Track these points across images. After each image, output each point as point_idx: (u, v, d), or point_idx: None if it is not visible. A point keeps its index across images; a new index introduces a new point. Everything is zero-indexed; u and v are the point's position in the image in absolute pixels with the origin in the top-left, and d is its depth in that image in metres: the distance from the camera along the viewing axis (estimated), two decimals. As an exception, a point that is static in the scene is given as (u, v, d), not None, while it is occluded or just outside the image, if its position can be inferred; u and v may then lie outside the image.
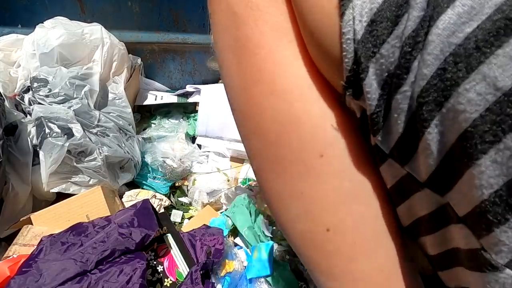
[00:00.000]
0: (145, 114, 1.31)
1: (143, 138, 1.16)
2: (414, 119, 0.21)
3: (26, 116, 0.96)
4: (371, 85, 0.21)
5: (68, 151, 0.87)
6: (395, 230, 0.27)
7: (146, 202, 0.86)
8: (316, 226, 0.26)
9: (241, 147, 1.10)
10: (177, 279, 0.82)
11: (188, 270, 0.83)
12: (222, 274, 0.81)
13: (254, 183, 1.08)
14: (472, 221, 0.20)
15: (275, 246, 0.90)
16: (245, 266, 0.82)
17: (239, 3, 0.25)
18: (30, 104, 0.95)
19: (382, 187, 0.26)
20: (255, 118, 0.26)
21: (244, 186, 1.08)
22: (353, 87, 0.23)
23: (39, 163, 0.88)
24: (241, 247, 0.94)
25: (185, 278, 0.79)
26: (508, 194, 0.18)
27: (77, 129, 0.90)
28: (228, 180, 1.09)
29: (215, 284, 0.81)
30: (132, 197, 1.04)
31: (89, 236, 0.76)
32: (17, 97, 0.98)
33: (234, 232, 0.97)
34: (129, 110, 1.10)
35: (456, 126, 0.19)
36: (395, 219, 0.27)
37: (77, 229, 0.78)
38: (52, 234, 0.78)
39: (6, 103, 0.91)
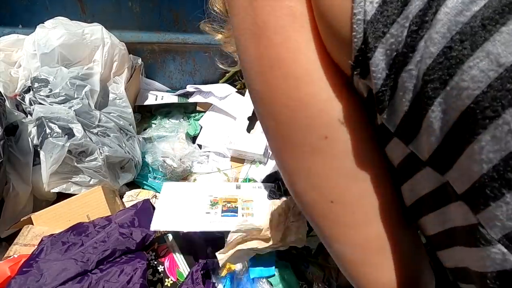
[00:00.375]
0: (145, 114, 1.31)
1: (143, 138, 1.16)
2: (418, 97, 0.21)
3: (27, 116, 0.96)
4: (378, 64, 0.22)
5: (69, 151, 0.87)
6: (394, 206, 0.29)
7: (146, 202, 0.86)
8: (321, 198, 0.29)
9: (241, 147, 1.10)
10: (177, 279, 0.82)
11: (188, 270, 0.83)
12: (223, 274, 0.81)
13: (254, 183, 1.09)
14: (470, 196, 0.21)
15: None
16: (247, 266, 0.83)
17: None
18: (30, 104, 0.95)
19: (382, 169, 0.28)
20: (269, 100, 0.28)
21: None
22: (360, 66, 0.24)
23: (39, 163, 0.88)
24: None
25: (185, 278, 0.79)
26: (505, 168, 0.19)
27: (77, 129, 0.90)
28: (229, 180, 1.09)
29: (216, 284, 0.82)
30: (132, 197, 1.04)
31: (90, 236, 0.76)
32: (17, 97, 0.98)
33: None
34: (130, 110, 1.10)
35: (459, 103, 0.19)
36: (394, 197, 0.29)
37: (78, 229, 0.78)
38: (52, 234, 0.78)
39: (7, 103, 0.91)
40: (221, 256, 0.72)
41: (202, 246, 0.87)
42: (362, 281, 0.30)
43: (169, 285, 0.81)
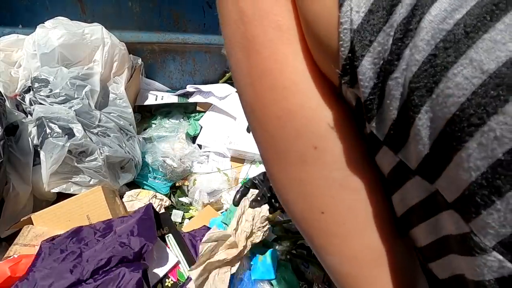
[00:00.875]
0: (145, 114, 1.31)
1: (143, 138, 1.16)
2: (405, 105, 0.21)
3: (27, 116, 0.96)
4: (365, 72, 0.22)
5: (69, 151, 0.87)
6: (386, 216, 0.29)
7: (148, 208, 0.85)
8: (312, 208, 0.29)
9: (241, 147, 1.10)
10: (178, 279, 0.82)
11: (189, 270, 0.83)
12: None
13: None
14: (461, 205, 0.21)
15: (278, 247, 0.90)
16: (249, 266, 0.83)
17: (247, 1, 0.26)
18: (31, 104, 0.95)
19: (373, 178, 0.28)
20: (259, 111, 0.29)
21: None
22: (348, 75, 0.24)
23: (40, 163, 0.89)
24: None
25: (187, 279, 0.79)
26: (493, 176, 0.18)
27: (78, 129, 0.90)
28: (229, 180, 1.09)
29: None
30: (132, 197, 1.04)
31: (89, 244, 0.75)
32: (18, 97, 0.98)
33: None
34: (130, 110, 1.10)
35: (445, 110, 0.19)
36: (386, 207, 0.29)
37: (78, 235, 0.78)
38: (53, 238, 0.78)
39: (7, 103, 0.91)
40: (193, 273, 0.71)
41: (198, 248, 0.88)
42: None
43: (169, 285, 0.81)
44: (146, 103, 1.27)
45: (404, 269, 0.30)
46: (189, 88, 1.31)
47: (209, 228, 0.94)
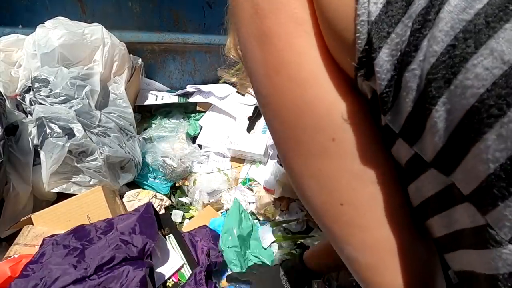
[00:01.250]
0: (145, 114, 1.31)
1: (143, 138, 1.16)
2: (422, 97, 0.21)
3: (27, 116, 0.96)
4: (382, 64, 0.22)
5: (69, 151, 0.87)
6: (404, 207, 0.29)
7: (149, 207, 0.85)
8: (331, 200, 0.29)
9: (241, 147, 1.10)
10: (179, 279, 0.82)
11: (189, 270, 0.83)
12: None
13: (254, 183, 1.09)
14: (477, 197, 0.21)
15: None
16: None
17: None
18: (31, 104, 0.95)
19: (390, 169, 0.28)
20: (276, 104, 0.29)
21: (244, 186, 1.08)
22: (364, 68, 0.24)
23: (40, 163, 0.89)
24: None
25: (188, 279, 0.79)
26: None
27: (78, 129, 0.90)
28: (229, 180, 1.09)
29: (217, 285, 0.82)
30: (132, 197, 1.04)
31: (91, 241, 0.75)
32: (18, 97, 0.98)
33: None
34: (130, 110, 1.10)
35: (464, 102, 0.19)
36: (404, 198, 0.29)
37: (80, 233, 0.78)
38: (54, 235, 0.78)
39: (7, 103, 0.91)
40: None
41: (203, 247, 0.88)
42: (373, 284, 0.30)
43: (170, 285, 0.81)
44: (146, 103, 1.27)
45: (422, 262, 0.30)
46: (189, 88, 1.31)
47: (208, 227, 0.94)
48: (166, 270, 0.82)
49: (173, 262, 0.83)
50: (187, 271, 0.83)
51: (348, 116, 0.27)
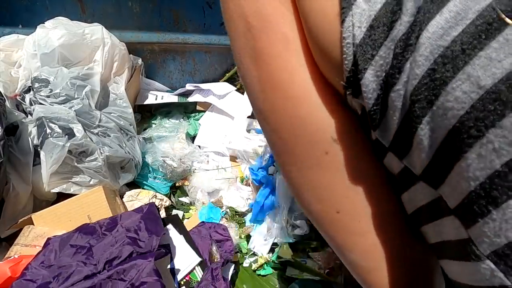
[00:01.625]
0: (145, 114, 1.31)
1: (143, 138, 1.16)
2: (408, 116, 0.22)
3: (27, 116, 0.96)
4: (368, 84, 0.23)
5: (69, 151, 0.87)
6: (399, 213, 0.30)
7: (152, 206, 0.86)
8: (328, 209, 0.30)
9: (240, 146, 1.11)
10: (190, 278, 0.83)
11: (200, 269, 0.84)
12: None
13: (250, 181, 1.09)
14: (461, 212, 0.22)
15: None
16: None
17: (253, 15, 0.28)
18: (31, 104, 0.95)
19: (382, 178, 0.30)
20: (272, 119, 0.30)
21: (242, 184, 1.09)
22: (352, 86, 0.25)
23: (40, 163, 0.88)
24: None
25: (205, 275, 0.81)
26: (491, 186, 0.19)
27: (78, 129, 0.90)
28: (229, 180, 1.09)
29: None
30: (132, 197, 1.04)
31: (97, 239, 0.76)
32: (18, 97, 0.98)
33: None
34: (130, 110, 1.10)
35: (446, 122, 0.20)
36: (396, 204, 0.30)
37: (84, 230, 0.79)
38: (59, 235, 0.78)
39: (7, 103, 0.91)
40: None
41: (206, 244, 0.89)
42: (375, 286, 0.31)
43: (182, 283, 0.82)
44: (146, 102, 1.27)
45: (419, 261, 0.31)
46: (188, 86, 1.31)
47: (205, 223, 0.95)
48: (183, 266, 0.83)
49: (190, 259, 0.85)
50: (197, 270, 0.84)
51: (339, 131, 0.28)
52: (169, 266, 0.80)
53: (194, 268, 0.84)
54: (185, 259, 0.85)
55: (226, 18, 0.30)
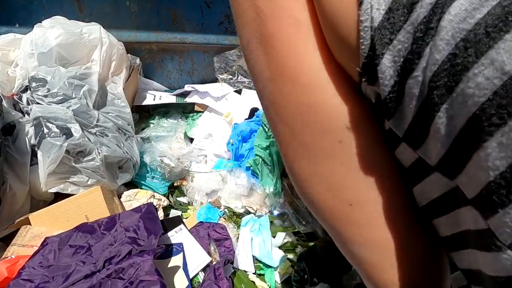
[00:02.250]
0: (143, 114, 1.31)
1: (141, 138, 1.16)
2: (425, 103, 0.21)
3: (24, 116, 0.95)
4: (385, 70, 0.22)
5: (67, 151, 0.86)
6: (410, 206, 0.29)
7: (150, 205, 0.87)
8: (339, 201, 0.29)
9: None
10: (192, 279, 0.83)
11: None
12: None
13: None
14: (479, 202, 0.21)
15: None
16: None
17: None
18: (28, 104, 0.94)
19: (394, 170, 0.29)
20: (281, 108, 0.29)
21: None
22: (368, 73, 0.24)
23: (37, 163, 0.88)
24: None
25: (206, 274, 0.81)
26: (511, 175, 0.19)
27: (75, 129, 0.89)
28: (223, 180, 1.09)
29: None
30: (130, 197, 1.04)
31: (96, 238, 0.76)
32: (15, 97, 0.98)
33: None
34: (128, 110, 1.09)
35: (465, 109, 0.19)
36: (408, 197, 0.29)
37: (83, 229, 0.79)
38: (58, 235, 0.78)
39: (4, 103, 0.90)
40: None
41: (204, 244, 0.89)
42: (379, 281, 0.30)
43: None
44: (144, 103, 1.26)
45: (429, 258, 0.30)
46: (187, 87, 1.31)
47: (203, 223, 0.95)
48: (194, 266, 0.84)
49: (201, 258, 0.86)
50: (200, 273, 0.85)
51: (353, 119, 0.27)
52: (181, 265, 0.81)
53: (206, 266, 0.84)
54: (196, 258, 0.86)
55: (234, 5, 0.29)
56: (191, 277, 0.81)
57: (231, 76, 1.28)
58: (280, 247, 0.93)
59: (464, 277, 0.27)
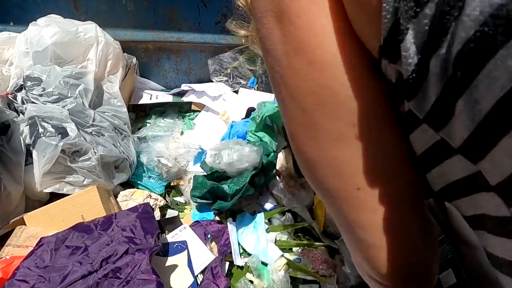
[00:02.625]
0: (140, 114, 1.30)
1: (138, 137, 1.15)
2: (450, 83, 0.20)
3: (19, 115, 0.94)
4: (409, 47, 0.21)
5: (62, 151, 0.86)
6: (420, 193, 0.29)
7: (147, 205, 0.87)
8: (347, 185, 0.28)
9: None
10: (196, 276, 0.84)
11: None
12: None
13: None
14: (503, 190, 0.20)
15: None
16: None
17: None
18: (23, 103, 0.93)
19: (408, 154, 0.28)
20: (294, 85, 0.28)
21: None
22: (390, 49, 0.22)
23: (32, 163, 0.87)
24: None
25: (205, 273, 0.82)
26: None
27: (71, 128, 0.88)
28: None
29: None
30: (127, 197, 1.03)
31: (93, 238, 0.76)
32: (9, 96, 0.97)
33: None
34: (125, 109, 1.09)
35: (492, 93, 0.18)
36: (419, 183, 0.29)
37: (79, 229, 0.78)
38: (53, 235, 0.77)
39: (-2, 102, 0.89)
40: None
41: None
42: (374, 258, 0.30)
43: None
44: (141, 102, 1.26)
45: (427, 244, 0.30)
46: (184, 87, 1.30)
47: (199, 222, 0.95)
48: (198, 263, 0.85)
49: (205, 256, 0.86)
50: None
51: (370, 100, 0.26)
52: (186, 263, 0.82)
53: (209, 265, 0.85)
54: (200, 256, 0.86)
55: None
56: (197, 273, 0.82)
57: (226, 78, 1.28)
58: (276, 244, 0.93)
59: (454, 275, 0.27)
